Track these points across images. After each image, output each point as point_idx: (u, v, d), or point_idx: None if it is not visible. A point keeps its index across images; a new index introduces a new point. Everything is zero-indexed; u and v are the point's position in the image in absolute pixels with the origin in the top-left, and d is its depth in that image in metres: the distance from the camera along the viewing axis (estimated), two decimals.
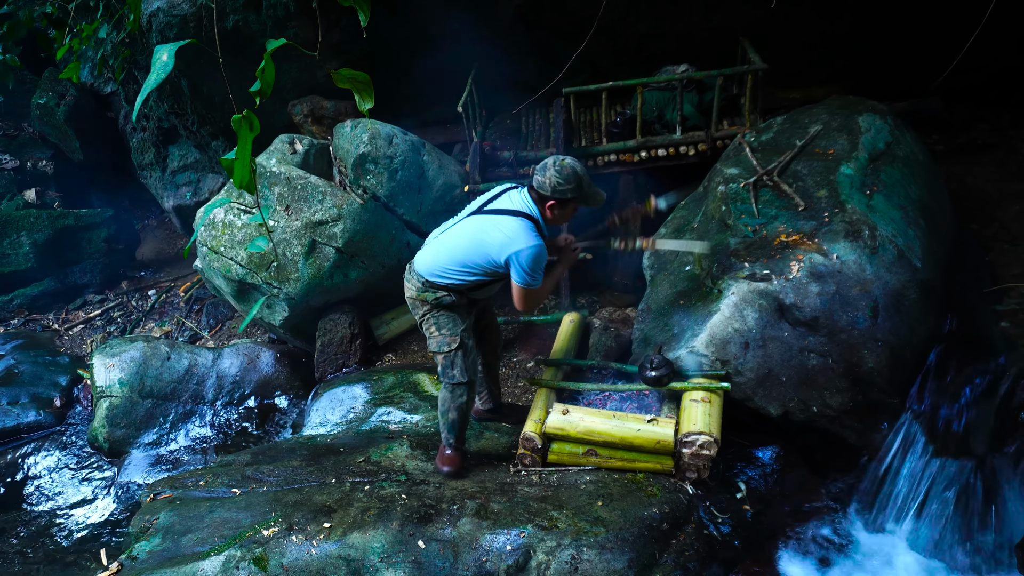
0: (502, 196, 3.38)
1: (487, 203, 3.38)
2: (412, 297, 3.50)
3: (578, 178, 3.20)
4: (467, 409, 3.59)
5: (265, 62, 1.60)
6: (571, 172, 3.18)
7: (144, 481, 4.64)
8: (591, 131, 5.85)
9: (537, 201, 3.28)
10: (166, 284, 7.34)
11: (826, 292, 3.52)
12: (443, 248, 3.39)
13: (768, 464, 3.68)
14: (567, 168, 3.18)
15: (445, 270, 3.36)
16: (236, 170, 1.68)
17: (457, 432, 3.60)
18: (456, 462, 3.63)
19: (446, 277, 3.37)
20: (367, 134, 5.23)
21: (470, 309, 3.55)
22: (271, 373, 5.29)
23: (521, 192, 3.34)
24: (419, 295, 3.44)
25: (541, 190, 3.22)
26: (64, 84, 8.10)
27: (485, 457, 3.86)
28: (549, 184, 3.19)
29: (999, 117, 5.84)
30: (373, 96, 1.79)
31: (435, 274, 3.37)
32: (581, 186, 3.22)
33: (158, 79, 1.52)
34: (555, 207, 3.25)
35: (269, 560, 2.95)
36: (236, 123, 1.63)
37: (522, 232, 3.20)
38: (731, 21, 5.53)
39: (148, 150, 7.82)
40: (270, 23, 5.58)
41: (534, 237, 3.21)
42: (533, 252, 3.19)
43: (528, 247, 3.18)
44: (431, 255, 3.41)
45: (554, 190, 3.19)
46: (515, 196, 3.34)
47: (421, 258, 3.45)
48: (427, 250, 3.45)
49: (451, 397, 3.53)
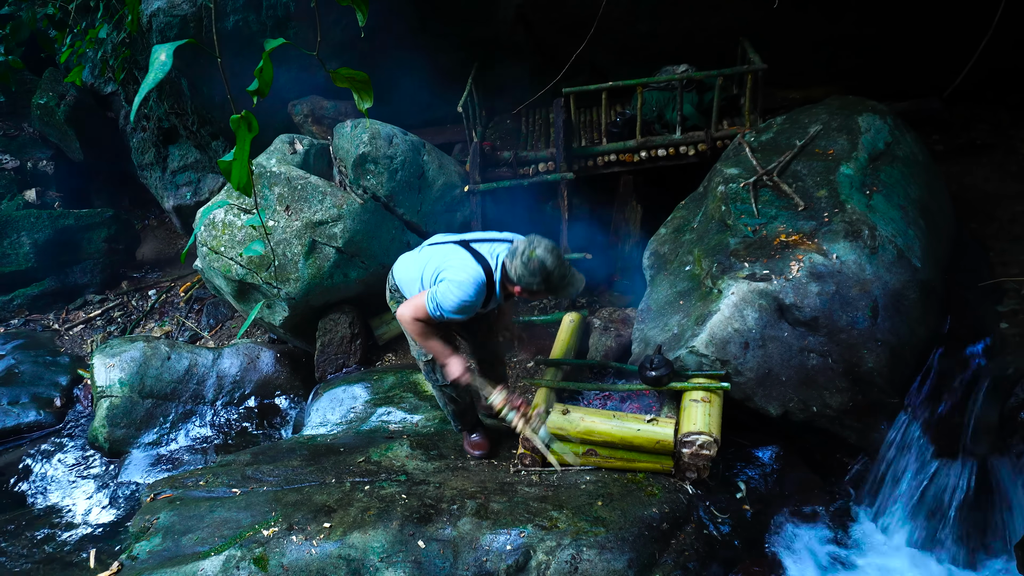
0: (490, 242, 3.28)
1: (475, 240, 3.31)
2: (389, 302, 3.60)
3: (546, 273, 3.03)
4: (461, 400, 3.74)
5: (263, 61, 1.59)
6: (538, 267, 3.02)
7: (144, 481, 4.64)
8: (591, 131, 5.85)
9: (505, 275, 3.16)
10: (166, 284, 7.34)
11: (826, 292, 3.52)
12: (411, 260, 3.43)
13: (768, 464, 3.69)
14: (534, 262, 3.02)
15: (401, 281, 3.44)
16: (234, 171, 1.67)
17: (462, 418, 3.81)
18: (482, 445, 3.82)
19: (400, 290, 3.46)
20: (367, 134, 5.23)
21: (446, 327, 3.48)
22: (271, 373, 5.29)
23: (504, 248, 3.23)
24: (390, 302, 3.54)
25: (509, 272, 3.10)
26: (64, 84, 8.11)
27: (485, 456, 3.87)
28: (515, 273, 3.08)
29: (998, 117, 5.84)
30: (372, 95, 1.79)
31: (397, 283, 3.47)
32: (549, 280, 3.05)
33: (156, 79, 1.52)
34: (521, 291, 3.15)
35: (269, 560, 2.96)
36: (235, 123, 1.63)
37: (466, 272, 3.10)
38: (731, 21, 5.54)
39: (148, 150, 7.82)
40: (270, 23, 5.59)
41: (472, 286, 3.09)
42: (460, 293, 3.07)
43: (457, 282, 3.07)
44: (401, 263, 3.47)
45: (519, 280, 3.08)
46: (496, 249, 3.23)
47: (398, 265, 3.50)
48: (406, 256, 3.49)
49: (441, 394, 3.74)
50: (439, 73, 5.82)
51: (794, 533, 3.51)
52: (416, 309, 3.20)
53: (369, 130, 5.25)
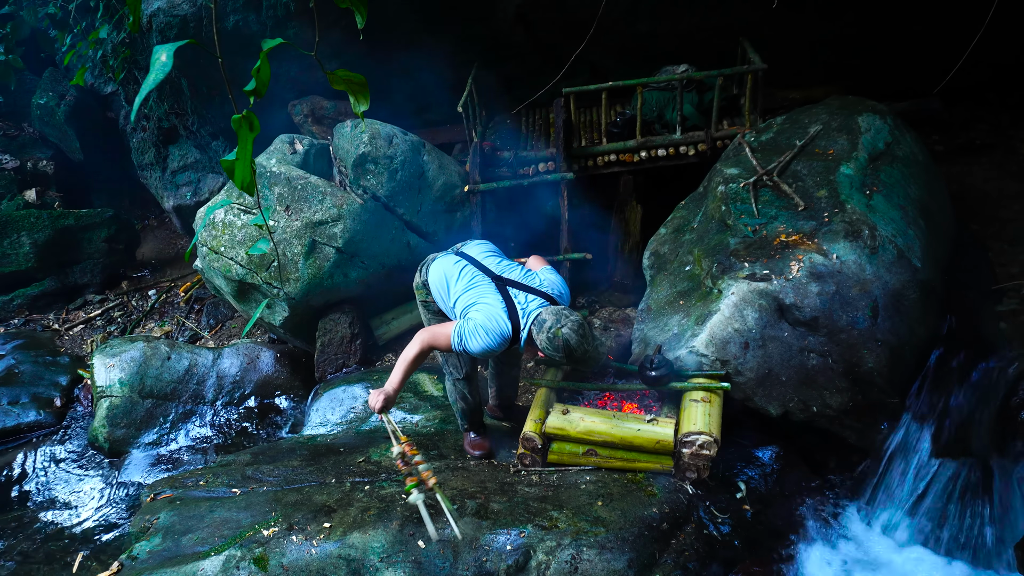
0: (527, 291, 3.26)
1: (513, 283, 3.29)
2: (421, 301, 3.67)
3: (569, 351, 3.04)
4: (472, 397, 3.77)
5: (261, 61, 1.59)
6: (562, 344, 3.03)
7: (144, 481, 4.64)
8: (591, 131, 5.85)
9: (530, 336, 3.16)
10: (166, 284, 7.34)
11: (826, 292, 3.52)
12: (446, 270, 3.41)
13: (768, 464, 3.69)
14: (559, 340, 3.03)
15: (432, 284, 3.49)
16: (237, 171, 1.67)
17: (469, 417, 3.85)
18: (482, 445, 3.87)
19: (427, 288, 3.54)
20: (367, 134, 5.23)
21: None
22: (271, 373, 5.29)
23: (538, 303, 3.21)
24: (424, 297, 3.62)
25: (535, 338, 3.13)
26: (64, 84, 8.11)
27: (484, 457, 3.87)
28: (540, 344, 3.11)
29: (998, 117, 5.84)
30: (368, 98, 1.79)
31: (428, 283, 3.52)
32: (571, 356, 3.08)
33: (156, 79, 1.52)
34: (528, 347, 3.22)
35: (269, 560, 2.96)
36: (236, 123, 1.63)
37: (494, 322, 3.13)
38: (731, 21, 5.54)
39: (148, 150, 7.82)
40: (270, 23, 5.59)
41: (497, 336, 3.12)
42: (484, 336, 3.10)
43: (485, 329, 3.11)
44: (437, 269, 3.45)
45: (543, 349, 3.12)
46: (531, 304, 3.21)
47: (434, 265, 3.48)
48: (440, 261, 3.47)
49: (454, 388, 3.75)
50: (439, 73, 5.83)
51: (794, 533, 3.51)
52: (438, 337, 3.24)
53: (369, 130, 5.25)
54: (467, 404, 3.80)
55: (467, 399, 3.78)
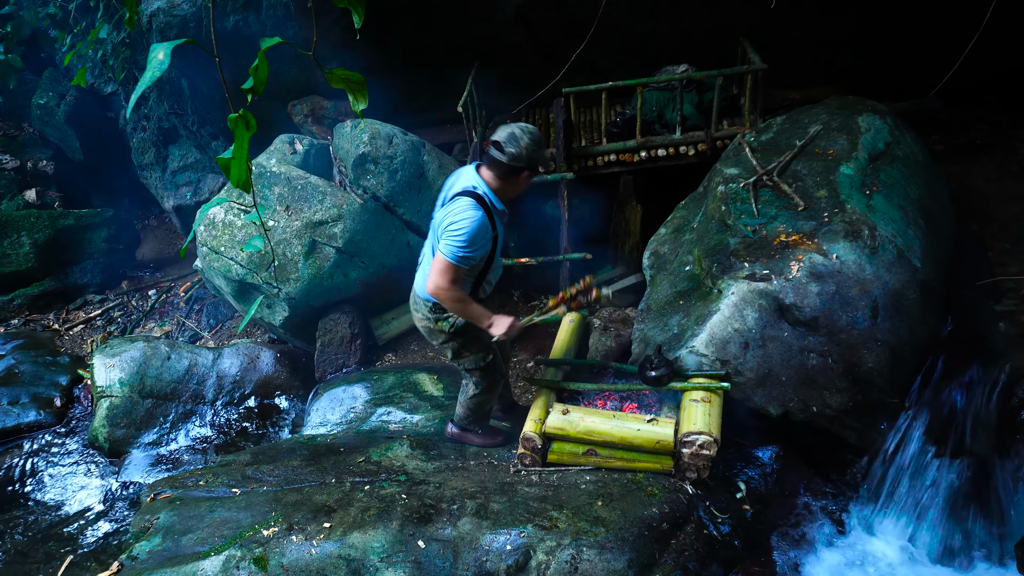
0: (448, 182, 3.31)
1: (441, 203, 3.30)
2: (427, 328, 3.48)
3: (542, 140, 3.12)
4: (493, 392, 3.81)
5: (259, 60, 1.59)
6: (539, 136, 3.08)
7: (144, 481, 4.64)
8: (591, 131, 5.85)
9: (502, 176, 3.13)
10: (166, 284, 7.34)
11: (826, 292, 3.52)
12: (426, 261, 3.40)
13: (768, 464, 3.68)
14: (536, 133, 3.06)
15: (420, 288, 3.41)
16: (232, 169, 1.68)
17: (485, 417, 3.94)
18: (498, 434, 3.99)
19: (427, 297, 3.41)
20: (367, 134, 5.23)
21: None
22: (271, 373, 5.29)
23: (467, 172, 3.21)
24: (434, 324, 3.43)
25: (516, 163, 3.07)
26: (64, 84, 8.11)
27: (485, 457, 3.87)
28: (527, 154, 3.05)
29: (998, 117, 5.84)
30: (367, 97, 1.79)
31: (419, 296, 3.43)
32: (534, 137, 3.10)
33: (153, 77, 1.52)
34: (528, 176, 3.15)
35: (269, 560, 2.96)
36: (232, 122, 1.63)
37: (459, 208, 3.07)
38: (731, 21, 5.54)
39: (148, 150, 7.82)
40: (270, 23, 5.59)
41: (472, 209, 3.06)
42: (473, 217, 3.04)
43: (463, 215, 3.04)
44: (422, 274, 3.42)
45: (530, 159, 3.08)
46: (462, 178, 3.22)
47: (418, 281, 3.45)
48: (419, 271, 3.47)
49: (482, 394, 3.74)
50: (439, 73, 5.82)
51: (794, 533, 3.51)
52: (442, 271, 3.10)
53: (369, 130, 5.25)
54: (488, 396, 3.76)
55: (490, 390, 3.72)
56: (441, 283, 3.14)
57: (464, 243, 3.05)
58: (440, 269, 3.12)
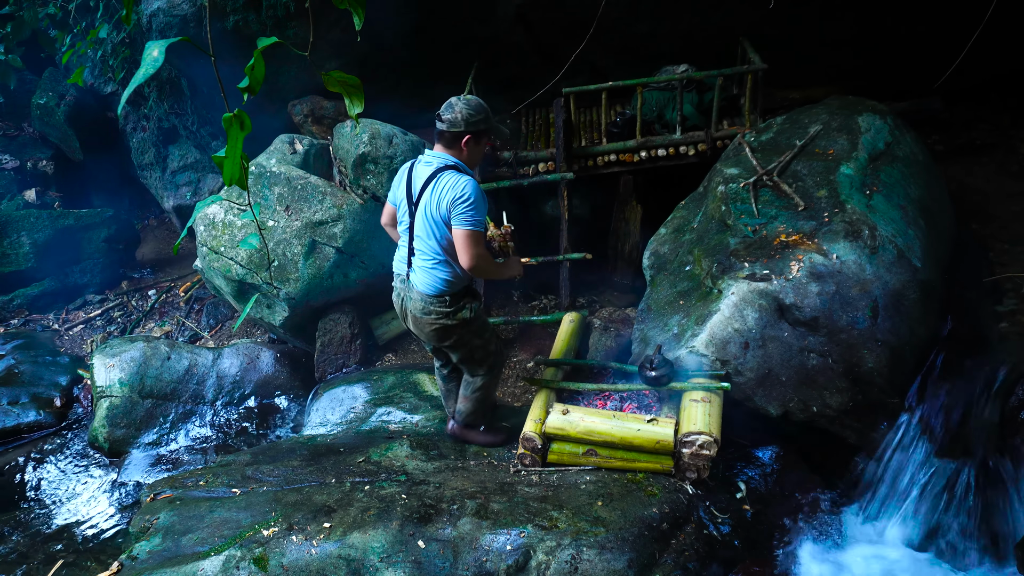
0: (415, 173, 3.31)
1: (413, 195, 3.31)
2: (443, 325, 3.42)
3: (485, 108, 3.22)
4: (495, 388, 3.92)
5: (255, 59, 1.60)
6: (477, 103, 3.20)
7: (144, 481, 4.64)
8: (591, 131, 5.85)
9: (448, 146, 3.24)
10: (166, 284, 7.34)
11: (826, 292, 3.52)
12: (421, 256, 3.35)
13: (768, 464, 3.69)
14: (473, 100, 3.20)
15: (435, 273, 3.33)
16: (225, 167, 1.69)
17: (489, 413, 3.96)
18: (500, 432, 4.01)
19: (443, 279, 3.33)
20: (367, 134, 5.23)
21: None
22: (271, 373, 5.29)
23: (425, 155, 3.30)
24: (453, 318, 3.40)
25: (454, 128, 3.18)
26: (64, 84, 8.10)
27: (485, 457, 3.87)
28: (461, 118, 3.17)
29: (999, 117, 5.84)
30: (363, 100, 1.79)
31: (436, 284, 3.33)
32: (489, 116, 3.24)
33: (147, 73, 1.52)
34: (470, 141, 3.22)
35: (269, 560, 2.96)
36: (227, 122, 1.64)
37: (451, 181, 3.16)
38: (731, 21, 5.54)
39: (148, 150, 7.82)
40: (270, 23, 5.58)
41: (462, 176, 3.18)
42: (467, 183, 3.15)
43: (465, 182, 3.15)
44: (420, 271, 3.35)
45: (466, 122, 3.17)
46: (425, 160, 3.29)
47: (424, 282, 3.35)
48: (417, 275, 3.38)
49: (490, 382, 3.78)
50: (439, 73, 5.82)
51: (794, 533, 3.51)
52: (474, 242, 3.17)
53: (369, 130, 5.25)
54: (492, 391, 3.86)
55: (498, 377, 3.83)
56: (479, 251, 3.21)
57: (477, 207, 3.16)
58: (471, 241, 3.17)
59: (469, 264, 3.20)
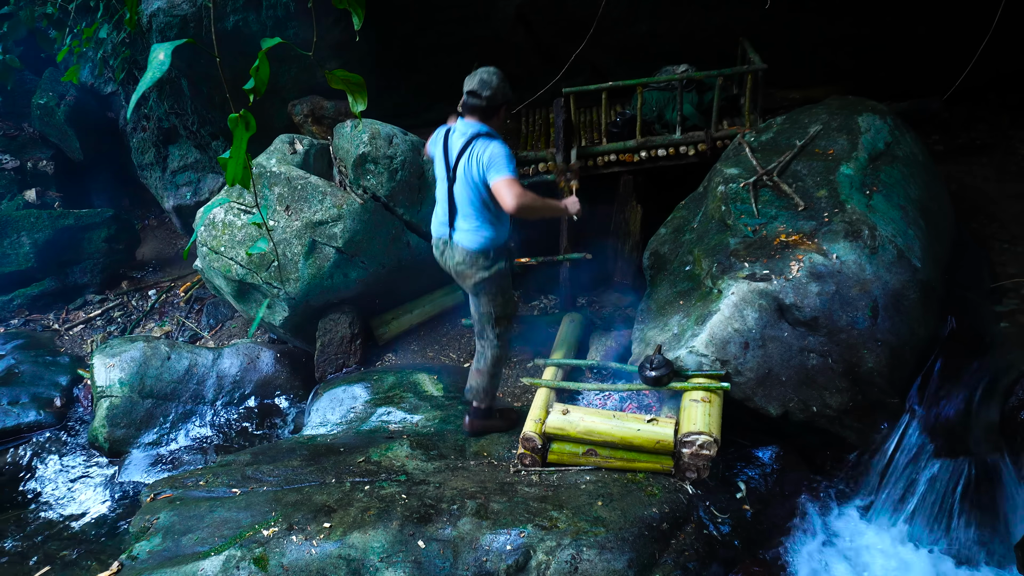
0: (450, 143, 3.64)
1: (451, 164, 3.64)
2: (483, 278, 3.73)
3: (506, 79, 3.61)
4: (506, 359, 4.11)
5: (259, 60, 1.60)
6: (502, 76, 3.58)
7: (144, 481, 4.64)
8: (591, 131, 5.85)
9: (484, 118, 3.59)
10: (166, 284, 7.34)
11: (826, 292, 3.52)
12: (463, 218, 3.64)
13: (768, 464, 3.69)
14: (500, 74, 3.57)
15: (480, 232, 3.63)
16: (229, 168, 1.69)
17: (494, 391, 4.03)
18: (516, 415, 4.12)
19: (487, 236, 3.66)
20: (367, 134, 5.23)
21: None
22: (271, 373, 5.29)
23: (459, 125, 3.63)
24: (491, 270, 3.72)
25: (492, 103, 3.56)
26: (64, 84, 8.10)
27: (485, 457, 3.87)
28: (499, 93, 3.55)
29: (998, 117, 5.84)
30: (366, 98, 1.80)
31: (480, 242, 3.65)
32: (499, 75, 3.62)
33: (154, 77, 1.53)
34: (502, 112, 3.64)
35: (269, 560, 2.96)
36: (232, 122, 1.64)
37: (481, 143, 3.51)
38: (731, 21, 5.54)
39: (148, 150, 7.82)
40: (270, 23, 5.58)
41: (493, 139, 3.53)
42: (498, 144, 3.50)
43: (494, 143, 3.49)
44: (463, 232, 3.66)
45: (503, 96, 3.57)
46: (460, 131, 3.61)
47: (468, 238, 3.67)
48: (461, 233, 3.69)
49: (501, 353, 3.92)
50: (439, 73, 5.82)
51: (794, 533, 3.51)
52: (512, 184, 3.41)
53: (369, 130, 5.25)
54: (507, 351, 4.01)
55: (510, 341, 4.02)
56: (519, 191, 3.42)
57: (509, 159, 3.48)
58: (509, 185, 3.40)
59: (514, 204, 3.41)
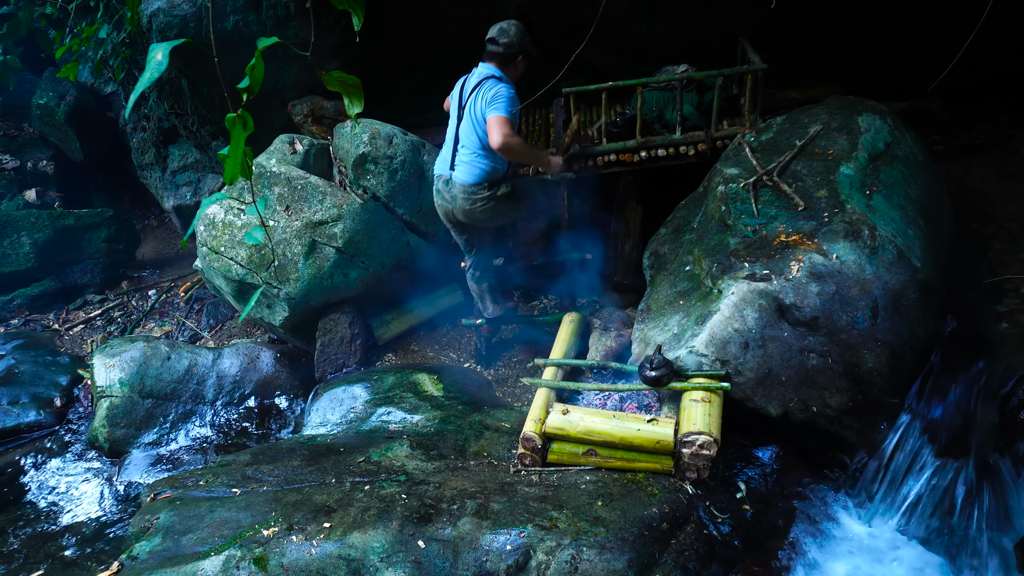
0: (467, 84, 4.08)
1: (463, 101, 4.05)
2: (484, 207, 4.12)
3: (525, 30, 3.92)
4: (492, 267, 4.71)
5: (255, 60, 1.61)
6: (522, 27, 3.87)
7: (144, 481, 4.64)
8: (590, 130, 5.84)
9: (503, 65, 3.93)
10: (166, 284, 7.34)
11: (826, 292, 3.52)
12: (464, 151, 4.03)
13: (768, 464, 3.69)
14: (520, 24, 3.88)
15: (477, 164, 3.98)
16: (227, 167, 1.70)
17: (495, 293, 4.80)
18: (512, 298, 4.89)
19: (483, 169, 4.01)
20: (367, 134, 5.23)
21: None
22: (271, 373, 5.29)
23: (479, 67, 4.00)
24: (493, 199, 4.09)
25: (510, 50, 3.88)
26: (64, 84, 8.10)
27: (485, 457, 3.87)
28: (517, 41, 3.86)
29: (998, 117, 5.84)
30: (362, 100, 1.81)
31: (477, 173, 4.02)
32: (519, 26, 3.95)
33: (152, 77, 1.54)
34: (521, 60, 3.96)
35: (269, 560, 2.96)
36: (230, 122, 1.65)
37: (491, 84, 3.87)
38: (731, 21, 5.53)
39: (148, 150, 7.82)
40: (270, 23, 5.58)
41: (503, 83, 3.87)
42: (505, 87, 3.81)
43: (502, 85, 3.81)
44: (463, 165, 4.04)
45: (520, 45, 3.88)
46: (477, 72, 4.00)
47: (467, 173, 4.06)
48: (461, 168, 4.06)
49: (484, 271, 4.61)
50: (439, 73, 5.81)
51: (794, 533, 3.51)
52: (503, 123, 3.74)
53: (369, 130, 5.25)
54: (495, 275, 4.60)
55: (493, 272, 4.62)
56: (507, 130, 3.76)
57: (510, 102, 3.78)
58: (500, 123, 3.73)
59: (499, 141, 3.75)
